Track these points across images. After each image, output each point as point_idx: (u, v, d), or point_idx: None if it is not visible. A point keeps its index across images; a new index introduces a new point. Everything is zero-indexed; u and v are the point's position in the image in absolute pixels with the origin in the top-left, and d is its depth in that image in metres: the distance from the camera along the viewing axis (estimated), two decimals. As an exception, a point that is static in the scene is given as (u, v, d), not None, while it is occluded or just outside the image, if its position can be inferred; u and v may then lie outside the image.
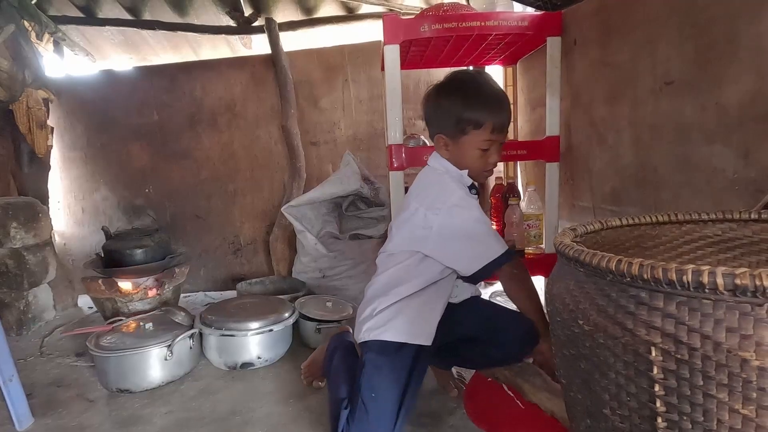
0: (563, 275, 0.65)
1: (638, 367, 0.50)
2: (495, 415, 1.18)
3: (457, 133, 1.15)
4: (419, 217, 1.12)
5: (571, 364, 0.62)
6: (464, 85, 1.18)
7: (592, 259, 0.55)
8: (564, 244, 0.63)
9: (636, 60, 1.32)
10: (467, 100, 1.13)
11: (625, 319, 0.51)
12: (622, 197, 1.48)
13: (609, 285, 0.54)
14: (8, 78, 1.81)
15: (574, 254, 0.59)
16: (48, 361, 1.73)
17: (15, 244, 1.95)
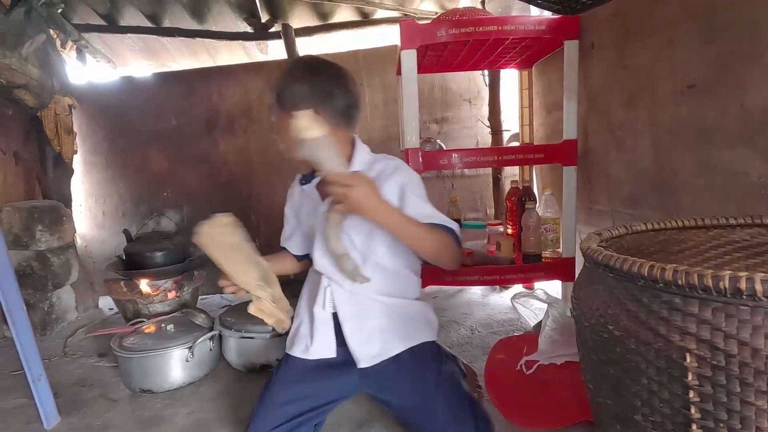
0: (591, 280, 0.66)
1: (672, 373, 0.50)
2: (521, 404, 1.20)
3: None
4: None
5: (600, 369, 0.62)
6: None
7: (623, 265, 0.55)
8: (592, 249, 0.63)
9: (655, 63, 1.32)
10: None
11: (658, 324, 0.51)
12: (641, 201, 1.47)
13: (640, 290, 0.54)
14: (38, 86, 1.87)
15: (603, 259, 0.59)
16: (71, 361, 1.77)
17: (40, 246, 2.00)
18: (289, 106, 1.00)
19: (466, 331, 1.84)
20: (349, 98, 1.05)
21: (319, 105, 0.99)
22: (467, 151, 1.99)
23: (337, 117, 1.03)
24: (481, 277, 1.80)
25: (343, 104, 1.04)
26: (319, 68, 1.05)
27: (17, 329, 1.20)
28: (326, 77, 1.03)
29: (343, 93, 1.04)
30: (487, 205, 2.62)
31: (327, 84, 1.02)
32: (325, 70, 1.05)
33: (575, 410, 1.12)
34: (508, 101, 2.43)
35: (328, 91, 1.02)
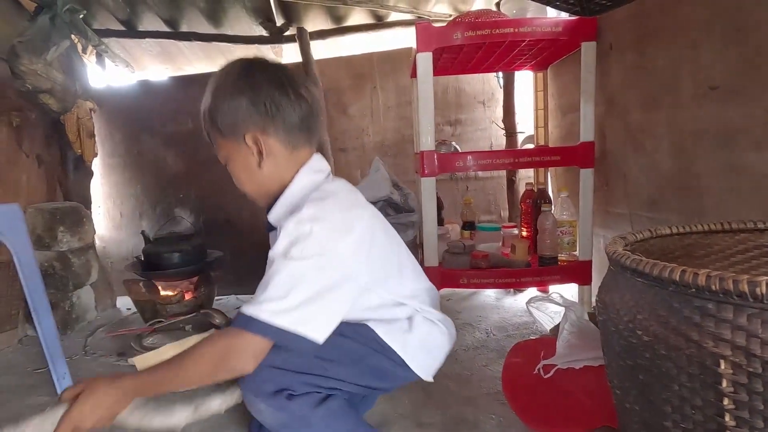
0: (617, 284, 0.65)
1: (705, 380, 0.50)
2: (539, 408, 1.19)
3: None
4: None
5: (628, 374, 0.61)
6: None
7: (653, 269, 0.55)
8: (619, 253, 0.63)
9: (676, 65, 1.30)
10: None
11: (690, 330, 0.51)
12: (661, 204, 1.45)
13: (671, 295, 0.54)
14: (62, 90, 1.91)
15: (631, 264, 0.59)
16: (92, 360, 1.81)
17: (62, 247, 2.05)
18: (229, 130, 0.79)
19: (481, 334, 1.83)
20: (303, 107, 0.80)
21: (268, 124, 0.77)
22: (482, 153, 1.99)
23: (291, 135, 0.80)
24: (496, 279, 1.79)
25: (298, 116, 0.79)
26: (256, 72, 0.79)
27: (43, 328, 1.23)
28: (269, 83, 0.78)
29: (295, 101, 0.79)
30: (501, 208, 2.61)
31: (271, 93, 0.77)
32: (264, 74, 0.79)
33: (595, 415, 1.11)
34: (523, 103, 2.42)
35: (275, 102, 0.77)
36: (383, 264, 0.83)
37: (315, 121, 0.83)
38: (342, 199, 0.79)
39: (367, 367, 0.84)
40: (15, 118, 1.99)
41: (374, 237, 0.80)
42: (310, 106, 0.81)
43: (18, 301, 2.00)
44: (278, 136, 0.79)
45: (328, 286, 0.71)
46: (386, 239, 0.87)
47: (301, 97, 0.80)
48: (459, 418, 1.26)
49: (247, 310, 0.69)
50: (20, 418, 1.35)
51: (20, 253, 1.17)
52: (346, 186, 0.86)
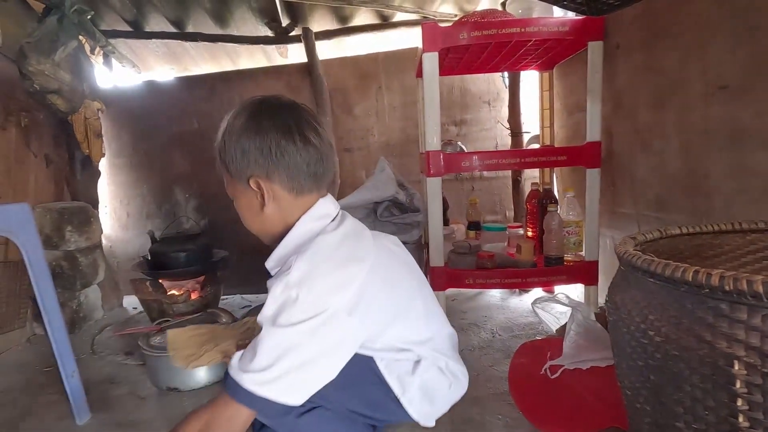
0: (628, 284, 0.65)
1: (718, 381, 0.49)
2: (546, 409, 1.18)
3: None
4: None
5: (639, 375, 0.61)
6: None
7: (665, 269, 0.54)
8: (630, 253, 0.63)
9: (685, 64, 1.29)
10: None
11: (703, 330, 0.51)
12: (668, 204, 1.45)
13: (684, 296, 0.54)
14: (69, 91, 1.93)
15: (643, 264, 0.59)
16: (99, 359, 1.82)
17: (69, 246, 2.06)
18: (235, 172, 0.77)
19: (487, 335, 1.83)
20: (310, 153, 0.76)
21: (272, 169, 0.75)
22: (488, 153, 1.98)
23: (295, 181, 0.76)
24: (502, 280, 1.79)
25: (304, 162, 0.76)
26: (264, 117, 0.75)
27: (52, 327, 1.23)
28: (275, 129, 0.74)
29: (302, 147, 0.75)
30: (506, 208, 2.60)
31: (277, 139, 0.74)
32: (272, 119, 0.75)
33: (604, 416, 1.11)
34: (528, 103, 2.41)
35: (280, 149, 0.74)
36: (384, 316, 0.77)
37: (323, 166, 0.78)
38: (338, 254, 0.73)
39: (359, 394, 0.79)
40: (24, 118, 2.01)
41: (374, 292, 0.74)
42: (319, 151, 0.77)
43: (26, 300, 2.02)
44: (282, 182, 0.76)
45: (316, 354, 0.68)
46: (390, 288, 0.78)
47: (309, 142, 0.76)
48: (465, 418, 1.26)
49: (235, 374, 0.67)
50: (29, 416, 1.37)
51: (30, 252, 1.18)
52: (349, 231, 0.78)
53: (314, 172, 0.77)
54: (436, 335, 0.88)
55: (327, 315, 0.67)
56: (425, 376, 0.81)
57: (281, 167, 0.75)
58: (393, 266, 0.82)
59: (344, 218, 0.81)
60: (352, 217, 0.85)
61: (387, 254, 0.83)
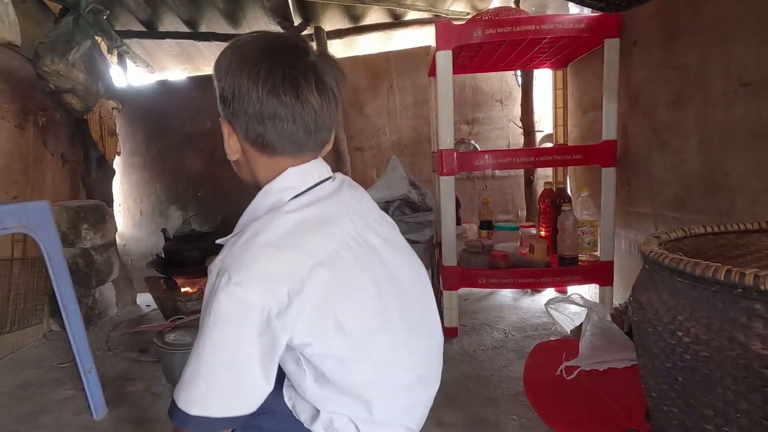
0: (655, 284, 0.64)
1: (751, 383, 0.48)
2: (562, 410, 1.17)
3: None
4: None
5: (666, 376, 0.60)
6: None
7: (695, 269, 0.53)
8: (656, 252, 0.62)
9: (705, 61, 1.27)
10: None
11: (736, 331, 0.49)
12: (687, 204, 1.42)
13: (715, 296, 0.52)
14: (84, 90, 1.95)
15: (671, 263, 0.57)
16: (114, 356, 1.84)
17: (85, 244, 2.09)
18: (218, 105, 0.66)
19: (500, 335, 1.82)
20: (267, 104, 0.61)
21: (231, 113, 0.64)
22: (503, 152, 1.97)
23: (256, 136, 0.63)
24: (515, 279, 1.78)
25: (257, 113, 0.61)
26: (237, 52, 0.63)
27: (71, 324, 1.25)
28: (240, 64, 0.61)
29: (261, 95, 0.60)
30: (518, 207, 2.58)
31: (238, 76, 0.61)
32: (244, 55, 0.62)
33: (621, 417, 1.09)
34: (541, 102, 2.39)
35: (237, 89, 0.61)
36: (323, 328, 0.60)
37: (305, 126, 0.64)
38: (280, 242, 0.58)
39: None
40: (41, 117, 2.04)
41: (316, 297, 0.58)
42: (306, 106, 0.62)
43: (42, 296, 2.05)
44: (241, 132, 0.64)
45: (240, 358, 0.56)
46: (345, 298, 0.61)
47: (295, 94, 0.61)
48: (480, 419, 1.25)
49: (174, 393, 0.59)
50: (46, 411, 1.39)
51: (50, 249, 1.20)
52: (310, 217, 0.62)
53: (291, 131, 0.62)
54: (414, 351, 0.69)
55: (249, 311, 0.55)
56: (332, 426, 0.66)
57: (240, 116, 0.62)
58: (353, 270, 0.63)
59: (321, 194, 0.66)
60: (342, 194, 0.69)
61: (359, 253, 0.64)
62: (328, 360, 0.61)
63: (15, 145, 1.95)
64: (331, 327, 0.59)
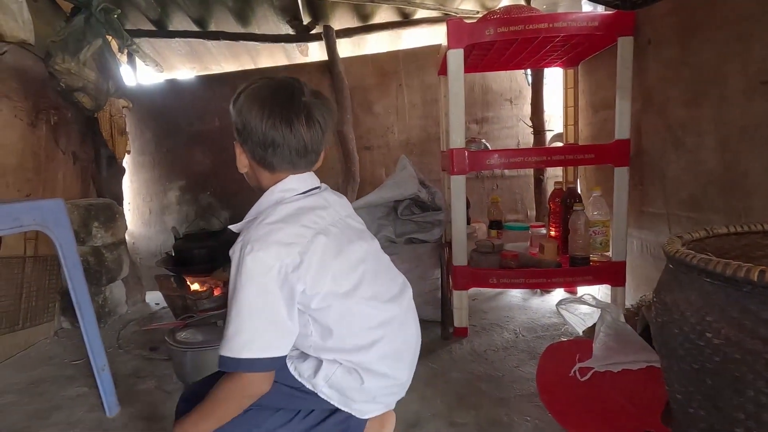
0: (681, 285, 0.63)
1: (786, 386, 0.47)
2: (576, 411, 1.16)
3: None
4: None
5: (693, 379, 0.59)
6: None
7: (725, 269, 0.52)
8: (683, 253, 0.61)
9: (723, 59, 1.25)
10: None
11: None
12: (703, 204, 1.40)
13: (746, 297, 0.51)
14: (95, 89, 1.96)
15: (699, 263, 0.56)
16: (125, 354, 1.85)
17: (96, 242, 2.10)
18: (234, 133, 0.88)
19: (510, 335, 1.81)
20: (267, 135, 0.81)
21: (243, 141, 0.84)
22: (514, 152, 1.95)
23: (261, 159, 0.84)
24: (526, 280, 1.76)
25: (260, 141, 0.82)
26: (248, 93, 0.84)
27: (85, 321, 1.25)
28: (249, 105, 0.82)
29: (263, 128, 0.81)
30: (528, 207, 2.57)
31: (248, 114, 0.81)
32: (252, 96, 0.83)
33: (637, 419, 1.08)
34: (551, 101, 2.38)
35: (246, 123, 0.82)
36: (326, 275, 0.81)
37: (297, 152, 0.84)
38: (288, 219, 0.80)
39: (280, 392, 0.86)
40: (53, 116, 2.05)
41: (319, 255, 0.80)
42: (299, 138, 0.83)
43: (54, 294, 2.07)
44: (250, 155, 0.85)
45: (274, 308, 0.75)
46: (336, 254, 0.83)
47: (290, 128, 0.82)
48: (493, 420, 1.25)
49: (220, 349, 0.75)
50: (59, 408, 1.39)
51: (64, 246, 1.20)
52: (305, 205, 0.84)
53: (286, 155, 0.83)
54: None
55: (273, 270, 0.74)
56: (332, 378, 0.85)
57: (249, 143, 0.83)
58: (341, 239, 0.86)
59: (312, 194, 0.88)
60: (326, 195, 0.91)
61: (342, 229, 0.88)
62: (329, 313, 0.81)
63: (28, 144, 1.97)
64: (328, 280, 0.80)
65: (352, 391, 0.86)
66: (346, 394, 0.86)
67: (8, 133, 1.87)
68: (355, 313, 0.84)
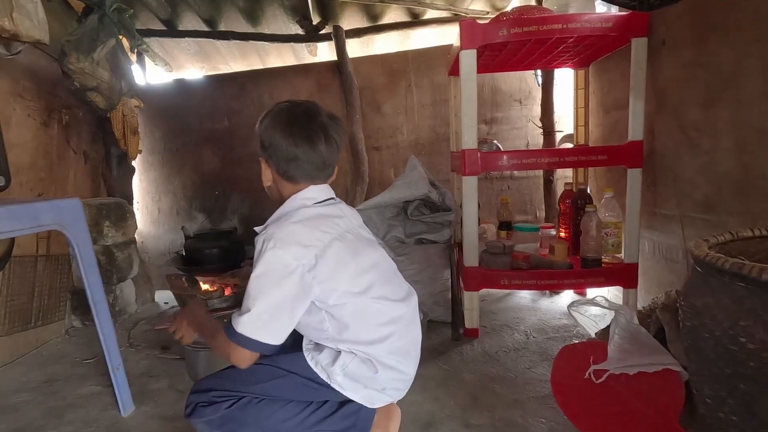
0: (711, 288, 0.62)
1: (826, 391, 0.47)
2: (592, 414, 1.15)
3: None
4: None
5: (725, 383, 0.59)
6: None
7: (761, 274, 0.52)
8: (714, 257, 0.60)
9: (741, 60, 1.25)
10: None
11: (808, 338, 0.48)
12: (718, 206, 1.40)
13: (783, 302, 0.51)
14: (108, 88, 1.97)
15: (732, 267, 0.56)
16: (137, 353, 1.85)
17: (107, 241, 2.11)
18: (258, 148, 0.99)
19: (521, 336, 1.80)
20: (290, 151, 0.93)
21: (268, 157, 0.96)
22: (527, 152, 1.95)
23: (288, 172, 0.96)
24: (538, 281, 1.76)
25: (284, 157, 0.94)
26: (282, 118, 0.95)
27: (100, 320, 1.26)
28: (275, 125, 0.93)
29: (287, 145, 0.93)
30: (537, 208, 2.56)
31: (274, 133, 0.93)
32: (277, 117, 0.94)
33: (654, 422, 1.07)
34: (560, 101, 2.37)
35: (272, 141, 0.93)
36: (340, 276, 0.91)
37: (316, 166, 0.95)
38: (307, 223, 0.91)
39: (293, 384, 0.96)
40: (64, 115, 2.06)
41: (333, 258, 0.89)
42: (317, 155, 0.94)
43: (64, 293, 2.07)
44: (275, 169, 0.96)
45: (281, 300, 0.85)
46: (350, 258, 0.93)
47: (312, 147, 0.93)
48: (508, 421, 1.24)
49: (233, 319, 0.86)
50: (73, 407, 1.40)
51: (81, 246, 1.21)
52: (323, 212, 0.95)
53: (307, 168, 0.95)
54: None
55: (291, 267, 0.84)
56: (348, 367, 0.93)
57: (274, 158, 0.95)
58: (356, 244, 0.97)
59: (329, 204, 0.99)
60: (341, 206, 1.02)
61: (356, 237, 0.99)
62: (345, 310, 0.90)
63: (40, 143, 1.98)
64: (344, 280, 0.90)
65: (365, 380, 0.94)
66: (360, 382, 0.94)
67: (22, 133, 1.87)
68: (368, 310, 0.94)
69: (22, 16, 1.45)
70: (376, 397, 0.98)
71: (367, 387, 0.96)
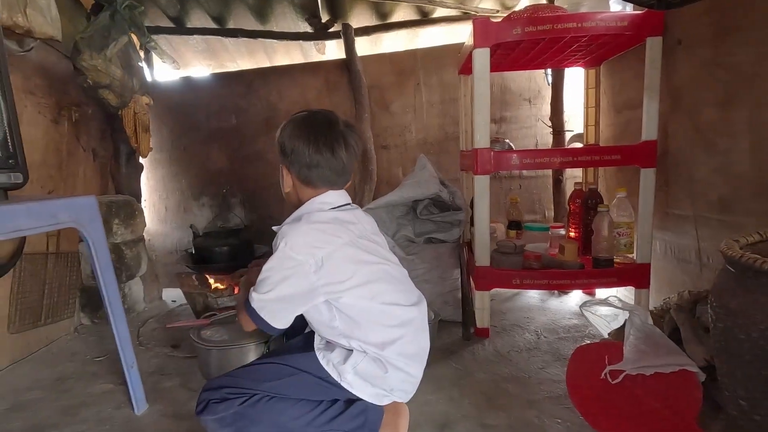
0: (745, 290, 0.62)
1: None
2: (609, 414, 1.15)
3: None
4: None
5: (761, 385, 0.58)
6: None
7: (804, 276, 0.51)
8: (752, 258, 0.60)
9: (760, 60, 1.24)
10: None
11: None
12: (735, 206, 1.39)
13: (827, 304, 0.50)
14: (120, 86, 1.96)
15: (771, 269, 0.56)
16: (147, 351, 1.85)
17: (116, 239, 2.10)
18: (279, 156, 1.05)
19: (532, 336, 1.80)
20: (327, 160, 0.99)
21: (289, 164, 1.02)
22: (539, 152, 1.94)
23: (308, 177, 1.01)
24: (550, 281, 1.76)
25: (306, 163, 0.99)
26: (301, 127, 1.00)
27: (115, 318, 1.26)
28: (297, 133, 0.99)
29: (309, 152, 0.98)
30: (546, 207, 2.55)
31: (296, 140, 0.99)
32: (299, 126, 1.00)
33: (671, 423, 1.07)
34: (570, 101, 2.36)
35: (294, 147, 0.99)
36: (345, 279, 0.96)
37: (336, 172, 1.01)
38: (320, 226, 0.96)
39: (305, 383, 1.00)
40: (74, 113, 2.05)
41: (340, 261, 0.95)
42: (336, 161, 1.00)
43: (74, 290, 2.07)
44: (296, 175, 1.02)
45: (288, 294, 0.93)
46: (356, 264, 0.98)
47: (332, 154, 0.99)
48: (524, 421, 1.24)
49: (251, 292, 0.96)
50: (86, 405, 1.40)
51: (96, 243, 1.21)
52: (338, 217, 1.00)
53: (327, 174, 1.01)
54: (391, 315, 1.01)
55: (298, 266, 0.91)
56: (359, 365, 0.97)
57: (295, 164, 1.00)
58: (369, 250, 1.01)
59: (346, 209, 1.03)
60: (357, 212, 1.06)
61: (369, 242, 1.03)
62: (356, 309, 0.96)
63: (51, 140, 1.97)
64: (354, 282, 0.95)
65: (375, 379, 0.98)
66: (369, 381, 0.98)
67: (32, 130, 1.87)
68: (379, 311, 0.98)
69: (35, 12, 1.44)
70: (383, 396, 1.01)
71: (375, 386, 0.99)
